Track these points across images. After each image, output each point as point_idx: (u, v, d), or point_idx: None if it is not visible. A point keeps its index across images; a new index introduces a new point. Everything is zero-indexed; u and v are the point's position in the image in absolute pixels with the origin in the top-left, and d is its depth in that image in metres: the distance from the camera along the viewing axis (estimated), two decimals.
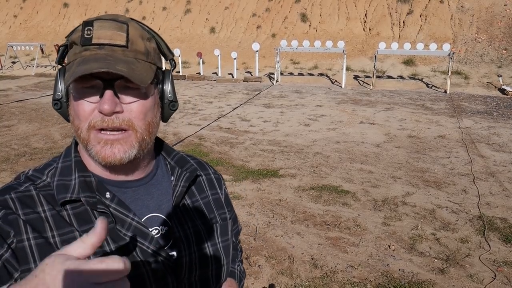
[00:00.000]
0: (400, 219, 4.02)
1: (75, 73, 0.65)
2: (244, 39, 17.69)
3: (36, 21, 22.18)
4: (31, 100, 10.71)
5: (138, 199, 0.79)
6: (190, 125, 7.94)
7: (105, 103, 0.67)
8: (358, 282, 3.02)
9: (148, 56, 0.73)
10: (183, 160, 0.88)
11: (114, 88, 0.68)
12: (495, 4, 14.89)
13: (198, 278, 0.82)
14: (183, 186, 0.84)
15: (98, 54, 0.68)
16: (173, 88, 0.80)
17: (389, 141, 6.85)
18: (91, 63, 0.66)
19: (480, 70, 13.23)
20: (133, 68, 0.68)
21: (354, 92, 12.13)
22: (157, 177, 0.84)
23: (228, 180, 5.06)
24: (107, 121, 0.69)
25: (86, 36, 0.68)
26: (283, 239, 3.65)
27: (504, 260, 3.30)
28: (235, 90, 12.45)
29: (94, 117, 0.69)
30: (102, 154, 0.70)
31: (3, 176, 5.14)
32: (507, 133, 7.39)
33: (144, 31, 0.74)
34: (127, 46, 0.70)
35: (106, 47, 0.69)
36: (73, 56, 0.70)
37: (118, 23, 0.70)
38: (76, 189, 0.72)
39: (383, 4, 16.43)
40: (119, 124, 0.69)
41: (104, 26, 0.69)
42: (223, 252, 0.88)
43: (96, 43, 0.68)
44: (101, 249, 0.71)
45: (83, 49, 0.69)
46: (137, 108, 0.71)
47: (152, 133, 0.76)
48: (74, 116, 0.72)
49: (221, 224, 0.90)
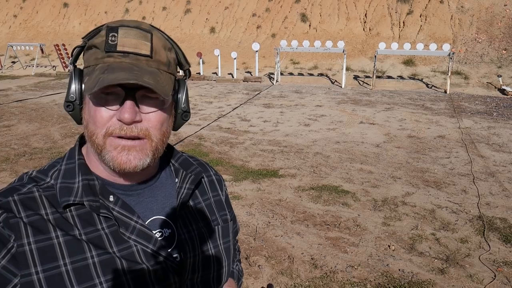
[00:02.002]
0: (400, 219, 4.02)
1: (102, 81, 0.64)
2: (244, 39, 17.69)
3: (36, 21, 22.18)
4: (31, 100, 10.71)
5: (142, 202, 0.79)
6: (190, 125, 7.93)
7: (126, 112, 0.67)
8: (358, 282, 3.02)
9: (169, 67, 0.73)
10: (187, 162, 0.88)
11: (135, 98, 0.68)
12: (495, 4, 14.89)
13: (200, 280, 0.82)
14: (188, 189, 0.83)
15: (123, 63, 0.67)
16: (187, 99, 0.80)
17: (389, 141, 6.85)
18: (118, 72, 0.65)
19: (480, 70, 13.23)
20: (158, 80, 0.68)
21: (354, 92, 12.13)
22: (161, 180, 0.83)
23: (228, 180, 5.06)
24: (125, 129, 0.68)
25: (111, 43, 0.67)
26: (283, 239, 3.65)
27: (504, 260, 3.30)
28: (235, 90, 12.45)
29: (113, 125, 0.69)
30: (118, 160, 0.70)
31: (3, 176, 5.14)
32: (507, 133, 7.39)
33: (166, 41, 0.74)
34: (151, 56, 0.69)
35: (130, 55, 0.68)
36: (94, 60, 0.69)
37: (142, 31, 0.70)
38: (79, 193, 0.71)
39: (383, 4, 16.43)
40: (137, 133, 0.69)
41: (130, 34, 0.68)
42: (225, 253, 0.88)
43: (121, 51, 0.68)
44: (105, 251, 0.70)
45: (107, 55, 0.68)
46: (155, 118, 0.71)
47: (165, 142, 0.76)
48: (89, 121, 0.71)
49: (223, 226, 0.90)
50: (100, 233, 0.71)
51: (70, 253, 0.68)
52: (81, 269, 0.68)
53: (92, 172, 0.76)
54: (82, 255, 0.69)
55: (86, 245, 0.70)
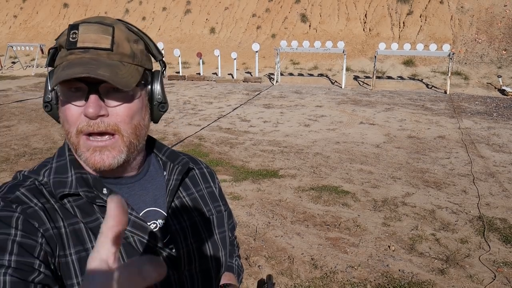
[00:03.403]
0: (400, 220, 4.02)
1: (58, 77, 0.65)
2: (244, 39, 17.69)
3: (36, 22, 22.19)
4: (31, 100, 10.71)
5: (134, 195, 0.80)
6: (190, 126, 7.93)
7: (89, 107, 0.67)
8: (358, 283, 3.02)
9: (134, 58, 0.73)
10: (174, 155, 0.89)
11: (98, 92, 0.69)
12: (495, 4, 14.90)
13: (199, 269, 0.83)
14: (176, 180, 0.84)
15: (83, 58, 0.68)
16: (163, 89, 0.80)
17: (389, 142, 6.85)
18: (75, 68, 0.65)
19: (480, 70, 13.23)
20: (117, 72, 0.68)
21: (354, 92, 12.13)
22: (150, 173, 0.84)
23: (228, 180, 5.06)
24: (92, 125, 0.69)
25: (71, 40, 0.68)
26: (283, 239, 3.65)
27: (504, 261, 3.30)
28: (235, 90, 12.45)
29: (81, 122, 0.69)
30: (91, 161, 0.71)
31: (3, 176, 5.14)
32: (507, 133, 7.39)
33: (130, 33, 0.74)
34: (112, 49, 0.69)
35: (91, 50, 0.68)
36: (59, 59, 0.70)
37: (103, 26, 0.70)
38: (73, 185, 0.72)
39: (383, 5, 16.44)
40: (105, 128, 0.69)
41: (90, 29, 0.69)
42: (221, 243, 0.89)
43: (81, 47, 0.68)
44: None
45: (69, 52, 0.69)
46: (123, 112, 0.71)
47: (140, 135, 0.76)
48: (63, 119, 0.72)
49: (217, 216, 0.91)
50: (101, 221, 0.72)
51: (74, 241, 0.70)
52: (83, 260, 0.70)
53: (83, 167, 0.77)
54: (83, 245, 0.70)
55: (88, 234, 0.71)
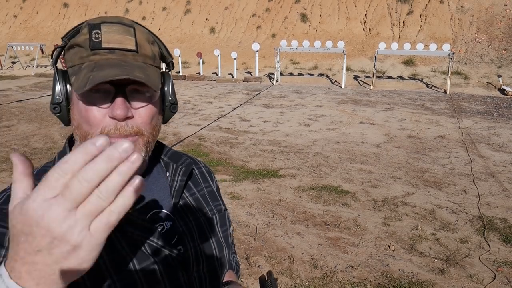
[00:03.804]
0: (400, 219, 4.02)
1: (93, 79, 0.64)
2: (244, 39, 17.69)
3: (36, 21, 22.19)
4: (31, 100, 10.71)
5: (139, 197, 0.79)
6: (190, 125, 7.93)
7: (118, 108, 0.67)
8: (358, 282, 3.02)
9: (154, 60, 0.74)
10: (176, 155, 0.89)
11: (125, 94, 0.69)
12: (495, 4, 14.90)
13: (206, 269, 0.83)
14: (181, 181, 0.84)
15: (110, 59, 0.67)
16: (174, 91, 0.81)
17: (389, 141, 6.85)
18: (108, 69, 0.65)
19: (480, 70, 13.23)
20: (147, 73, 0.68)
21: (354, 92, 12.13)
22: (153, 174, 0.84)
23: (228, 180, 5.06)
24: (120, 128, 0.69)
25: (95, 40, 0.67)
26: (283, 239, 3.65)
27: (504, 260, 3.30)
28: (235, 90, 12.45)
29: (107, 125, 0.69)
30: None
31: (3, 176, 5.14)
32: (507, 133, 7.39)
33: (149, 34, 0.75)
34: (137, 50, 0.70)
35: (116, 51, 0.68)
36: (79, 59, 0.69)
37: (125, 26, 0.70)
38: None
39: (383, 4, 16.44)
40: (129, 131, 0.70)
41: (113, 30, 0.68)
42: (224, 241, 0.90)
43: (106, 48, 0.68)
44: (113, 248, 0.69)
45: (92, 53, 0.67)
46: (145, 113, 0.72)
47: (156, 136, 0.77)
48: (81, 121, 0.70)
49: (219, 215, 0.92)
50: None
51: None
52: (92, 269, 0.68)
53: None
54: None
55: None
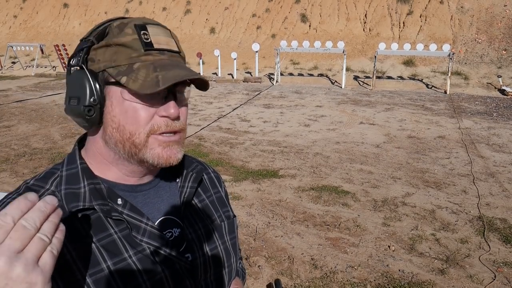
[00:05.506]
0: (400, 220, 4.02)
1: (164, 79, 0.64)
2: (244, 39, 17.69)
3: (36, 22, 22.19)
4: (31, 100, 10.71)
5: (149, 203, 0.78)
6: (189, 126, 7.93)
7: (172, 108, 0.69)
8: (358, 283, 3.02)
9: (185, 61, 0.76)
10: (187, 161, 0.87)
11: (175, 94, 0.70)
12: (495, 4, 14.90)
13: (213, 277, 0.82)
14: (191, 187, 0.83)
15: (163, 60, 0.68)
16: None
17: (389, 142, 6.85)
18: (173, 70, 0.66)
19: (480, 70, 13.23)
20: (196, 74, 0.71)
21: (354, 92, 12.13)
22: (163, 180, 0.83)
23: (228, 180, 5.06)
24: (170, 125, 0.70)
25: (146, 41, 0.67)
26: (283, 239, 3.65)
27: (504, 261, 3.30)
28: (235, 90, 12.45)
29: (156, 123, 0.69)
30: (164, 156, 0.71)
31: (3, 176, 5.14)
32: (507, 133, 7.39)
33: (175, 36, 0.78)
34: (179, 52, 0.72)
35: (165, 52, 0.69)
36: (127, 59, 0.66)
37: (164, 28, 0.72)
38: (87, 197, 0.69)
39: (383, 5, 16.44)
40: (178, 128, 0.72)
41: (158, 31, 0.70)
42: (232, 249, 0.88)
43: (158, 48, 0.68)
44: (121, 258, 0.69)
45: (145, 53, 0.67)
46: (186, 112, 0.75)
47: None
48: (126, 122, 0.68)
49: (227, 221, 0.90)
50: (114, 237, 0.69)
51: (85, 264, 0.66)
52: (100, 281, 0.66)
53: (96, 176, 0.73)
54: (98, 266, 0.67)
55: (100, 253, 0.67)
